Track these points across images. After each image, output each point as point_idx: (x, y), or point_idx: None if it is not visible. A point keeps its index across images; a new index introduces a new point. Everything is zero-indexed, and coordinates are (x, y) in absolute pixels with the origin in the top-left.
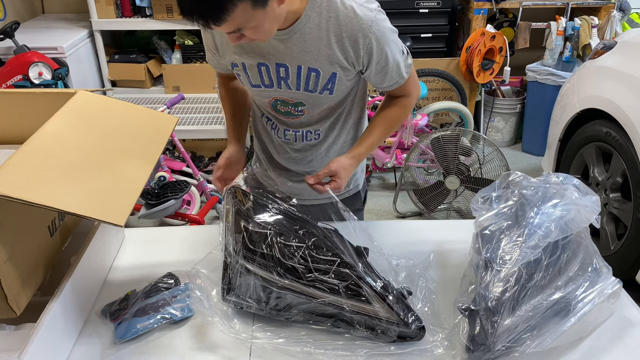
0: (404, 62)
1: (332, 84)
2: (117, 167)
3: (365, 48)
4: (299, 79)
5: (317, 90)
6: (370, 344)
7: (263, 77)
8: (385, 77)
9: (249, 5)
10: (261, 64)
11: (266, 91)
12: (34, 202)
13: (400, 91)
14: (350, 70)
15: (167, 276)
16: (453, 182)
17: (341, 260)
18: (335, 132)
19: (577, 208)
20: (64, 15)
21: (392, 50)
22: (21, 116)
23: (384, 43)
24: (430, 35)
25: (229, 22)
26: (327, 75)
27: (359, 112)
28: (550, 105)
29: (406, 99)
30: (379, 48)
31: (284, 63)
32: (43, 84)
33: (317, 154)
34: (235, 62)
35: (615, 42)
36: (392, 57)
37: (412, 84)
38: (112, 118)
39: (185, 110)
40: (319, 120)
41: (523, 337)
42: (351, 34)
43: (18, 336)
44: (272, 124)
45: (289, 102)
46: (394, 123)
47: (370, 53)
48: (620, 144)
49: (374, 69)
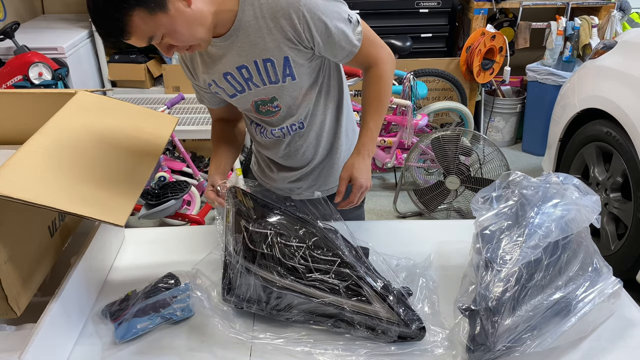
0: (352, 30)
1: (289, 68)
2: (117, 167)
3: (301, 22)
4: (260, 74)
5: (280, 79)
6: (370, 344)
7: (233, 84)
8: (335, 49)
9: (145, 12)
10: (226, 73)
11: (242, 97)
12: (34, 202)
13: (364, 61)
14: (301, 49)
15: (167, 276)
16: (453, 182)
17: (341, 260)
18: (319, 118)
19: (577, 208)
20: (64, 16)
21: (332, 19)
22: (21, 116)
23: (319, 13)
24: (430, 35)
25: (136, 34)
26: (281, 61)
27: (337, 94)
28: (551, 105)
29: (376, 69)
30: (315, 19)
31: (243, 64)
32: (43, 84)
33: (308, 144)
34: (209, 82)
35: (616, 41)
36: (333, 26)
37: (375, 49)
38: (112, 118)
39: (185, 110)
40: (297, 109)
41: (523, 337)
42: (283, 13)
43: (18, 336)
44: (261, 128)
45: (265, 100)
46: (379, 99)
47: (308, 26)
48: (620, 143)
49: (320, 42)
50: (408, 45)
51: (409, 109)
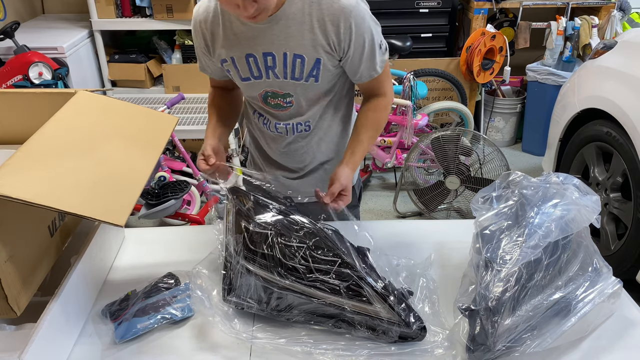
0: (379, 55)
1: (317, 70)
2: (118, 167)
3: (345, 32)
4: (285, 67)
5: (303, 77)
6: (371, 345)
7: (252, 68)
8: (360, 66)
9: None
10: (249, 55)
11: (256, 83)
12: (34, 202)
13: (374, 88)
14: (334, 55)
15: (167, 276)
16: (453, 182)
17: (342, 260)
18: (325, 124)
19: (577, 208)
20: (64, 15)
21: (370, 39)
22: (21, 116)
23: (364, 29)
24: (430, 35)
25: None
26: (312, 61)
27: (346, 106)
28: (551, 105)
29: (383, 100)
30: (358, 34)
31: (271, 51)
32: (43, 84)
33: (308, 147)
34: (225, 58)
35: (616, 41)
36: (368, 46)
37: (388, 83)
38: (112, 118)
39: (185, 110)
40: (307, 110)
41: (523, 337)
42: (333, 17)
43: (18, 336)
44: (264, 119)
45: (278, 93)
46: (378, 126)
47: (350, 37)
48: (620, 143)
49: (351, 55)
50: (408, 45)
51: (409, 108)
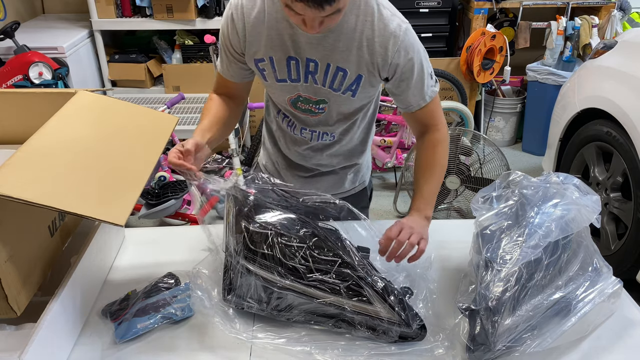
0: (429, 85)
1: (357, 86)
2: (118, 167)
3: (393, 56)
4: (325, 75)
5: (341, 89)
6: (371, 344)
7: (291, 71)
8: (406, 93)
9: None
10: (291, 57)
11: (291, 86)
12: (34, 202)
13: (426, 119)
14: (376, 76)
15: (167, 276)
16: (453, 181)
17: (342, 260)
18: (349, 137)
19: (577, 208)
20: (64, 15)
21: (420, 66)
22: (21, 116)
23: (413, 55)
24: (430, 35)
25: (336, 4)
26: (353, 77)
27: (370, 120)
28: (551, 105)
29: (436, 132)
30: (407, 58)
31: (315, 59)
32: (43, 84)
33: (326, 154)
34: (262, 57)
35: (616, 41)
36: (417, 72)
37: (439, 113)
38: (112, 118)
39: (185, 110)
40: (337, 122)
41: (523, 337)
42: (383, 39)
43: (18, 336)
44: (289, 121)
45: (311, 99)
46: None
47: (398, 60)
48: (620, 143)
49: (397, 80)
50: None
51: None
